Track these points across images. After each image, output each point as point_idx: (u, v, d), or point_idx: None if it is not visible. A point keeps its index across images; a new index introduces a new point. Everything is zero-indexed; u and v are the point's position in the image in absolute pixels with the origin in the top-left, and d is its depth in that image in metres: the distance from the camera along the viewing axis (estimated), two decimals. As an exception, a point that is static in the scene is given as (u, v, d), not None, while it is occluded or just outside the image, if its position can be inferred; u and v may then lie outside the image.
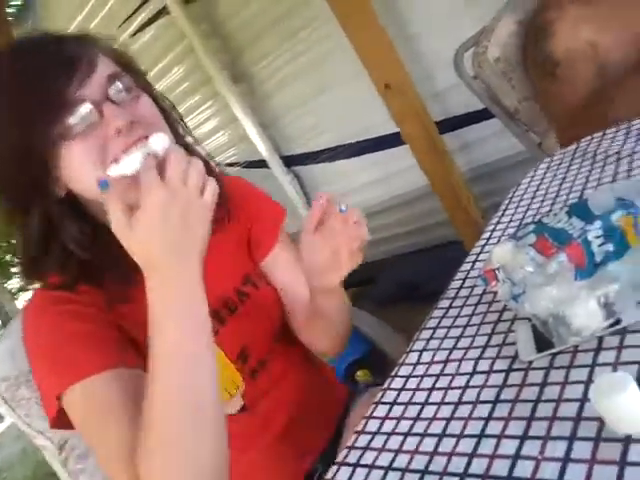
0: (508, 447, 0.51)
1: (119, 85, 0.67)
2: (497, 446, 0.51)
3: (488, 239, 0.91)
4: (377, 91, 2.05)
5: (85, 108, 0.64)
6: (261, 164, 2.87)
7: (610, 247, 0.61)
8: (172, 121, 0.76)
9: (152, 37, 2.91)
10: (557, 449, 0.47)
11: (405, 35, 2.13)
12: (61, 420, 0.69)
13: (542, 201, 0.94)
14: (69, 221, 0.70)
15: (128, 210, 0.59)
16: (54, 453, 0.90)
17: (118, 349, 0.69)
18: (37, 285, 0.75)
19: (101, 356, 0.67)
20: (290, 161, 2.84)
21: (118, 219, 0.59)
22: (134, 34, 2.95)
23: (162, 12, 2.75)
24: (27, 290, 0.77)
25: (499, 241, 0.88)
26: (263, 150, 2.81)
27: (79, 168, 0.66)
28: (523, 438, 0.50)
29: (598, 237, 0.61)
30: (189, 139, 0.81)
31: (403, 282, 2.46)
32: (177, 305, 0.60)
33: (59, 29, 0.73)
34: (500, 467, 0.49)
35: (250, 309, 0.86)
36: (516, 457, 0.49)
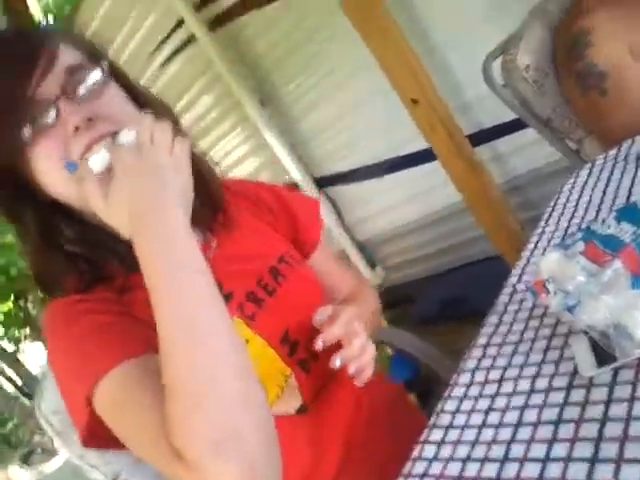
0: (577, 471, 0.48)
1: (79, 78, 0.65)
2: (565, 470, 0.49)
3: (533, 250, 0.89)
4: (404, 107, 2.04)
5: (43, 109, 0.62)
6: (293, 187, 2.89)
7: (668, 252, 0.58)
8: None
9: (180, 66, 2.98)
10: (632, 473, 0.45)
11: (430, 48, 2.12)
12: (93, 433, 0.65)
13: (587, 208, 0.91)
14: (60, 223, 0.70)
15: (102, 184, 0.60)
16: (107, 487, 0.89)
17: (138, 337, 0.65)
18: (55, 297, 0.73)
19: (124, 346, 0.64)
20: (322, 182, 2.84)
21: (94, 198, 0.60)
22: (163, 64, 3.02)
23: (189, 41, 2.81)
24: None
25: (545, 251, 0.85)
26: (295, 172, 2.82)
27: (45, 170, 0.65)
28: (593, 461, 0.48)
29: (653, 241, 0.59)
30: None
31: (443, 300, 2.42)
32: (165, 256, 0.58)
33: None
34: (570, 492, 0.47)
35: (290, 290, 0.82)
36: (586, 481, 0.46)
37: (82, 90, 0.65)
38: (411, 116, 2.04)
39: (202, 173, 0.74)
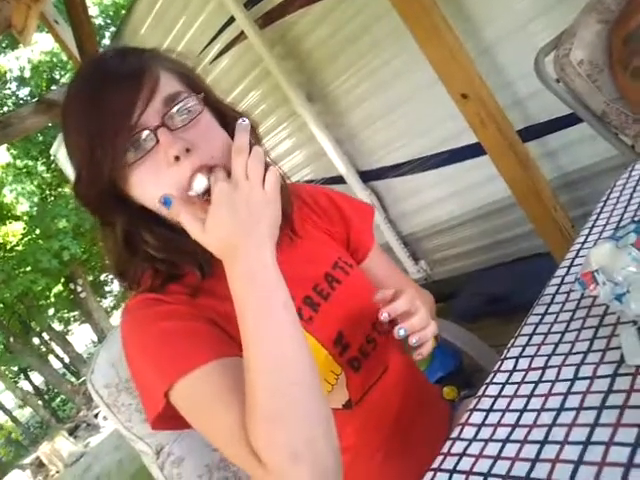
0: (618, 455, 0.48)
1: (177, 108, 0.70)
2: (606, 453, 0.49)
3: (583, 243, 0.88)
4: (454, 101, 2.02)
5: (143, 137, 0.68)
6: (338, 180, 2.90)
7: None
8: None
9: (230, 62, 3.03)
10: (676, 457, 0.44)
11: (482, 44, 2.09)
12: (163, 420, 0.71)
13: (640, 202, 0.89)
14: (145, 230, 0.75)
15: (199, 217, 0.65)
16: (153, 458, 0.93)
17: (214, 341, 0.72)
18: (133, 291, 0.79)
19: (202, 349, 0.70)
20: (367, 176, 2.84)
21: (192, 227, 0.65)
22: (213, 60, 3.08)
23: (239, 38, 2.86)
24: (120, 307, 0.81)
25: (596, 244, 0.84)
26: (340, 166, 2.83)
27: (142, 189, 0.71)
28: (635, 446, 0.47)
29: None
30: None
31: (487, 296, 2.39)
32: (253, 290, 0.64)
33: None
34: (610, 475, 0.47)
35: (343, 294, 0.86)
36: (628, 465, 0.46)
37: (179, 122, 0.70)
38: (461, 111, 2.01)
39: None
